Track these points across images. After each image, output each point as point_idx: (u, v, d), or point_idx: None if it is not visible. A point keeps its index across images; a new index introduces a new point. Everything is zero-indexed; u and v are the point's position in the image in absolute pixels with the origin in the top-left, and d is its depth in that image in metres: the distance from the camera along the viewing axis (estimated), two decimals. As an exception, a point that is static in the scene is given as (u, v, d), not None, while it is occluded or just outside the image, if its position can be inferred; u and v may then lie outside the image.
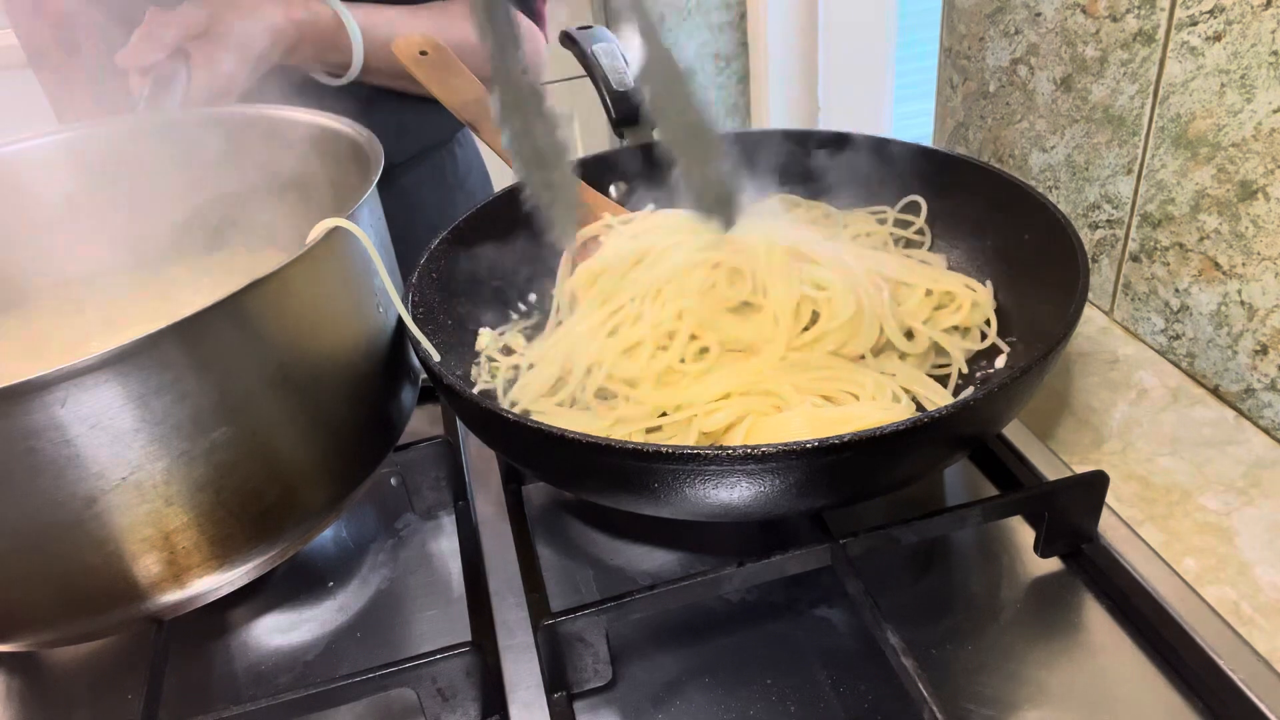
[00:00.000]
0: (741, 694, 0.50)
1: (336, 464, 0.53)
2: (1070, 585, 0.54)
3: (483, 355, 0.66)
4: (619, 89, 0.78)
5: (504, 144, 0.48)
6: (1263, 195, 0.60)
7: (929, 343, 0.61)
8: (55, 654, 0.57)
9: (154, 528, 0.45)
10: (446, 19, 0.93)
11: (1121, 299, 0.74)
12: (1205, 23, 0.61)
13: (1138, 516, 0.57)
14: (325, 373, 0.51)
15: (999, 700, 0.48)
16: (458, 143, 1.09)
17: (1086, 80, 0.72)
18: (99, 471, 0.42)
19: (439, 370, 0.53)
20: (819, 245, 0.61)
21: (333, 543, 0.63)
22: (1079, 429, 0.65)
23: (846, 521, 0.52)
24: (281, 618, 0.58)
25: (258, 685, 0.54)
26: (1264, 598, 0.51)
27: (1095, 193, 0.74)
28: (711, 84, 1.95)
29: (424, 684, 0.47)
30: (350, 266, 0.53)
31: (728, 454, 0.44)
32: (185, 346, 0.43)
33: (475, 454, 0.68)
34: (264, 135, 0.66)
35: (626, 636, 0.54)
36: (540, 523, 0.62)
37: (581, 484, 0.54)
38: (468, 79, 0.72)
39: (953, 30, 0.88)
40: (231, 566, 0.49)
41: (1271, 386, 0.62)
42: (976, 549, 0.57)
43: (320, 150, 0.64)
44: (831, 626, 0.53)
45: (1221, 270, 0.64)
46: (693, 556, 0.59)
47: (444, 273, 0.65)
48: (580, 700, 0.50)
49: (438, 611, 0.57)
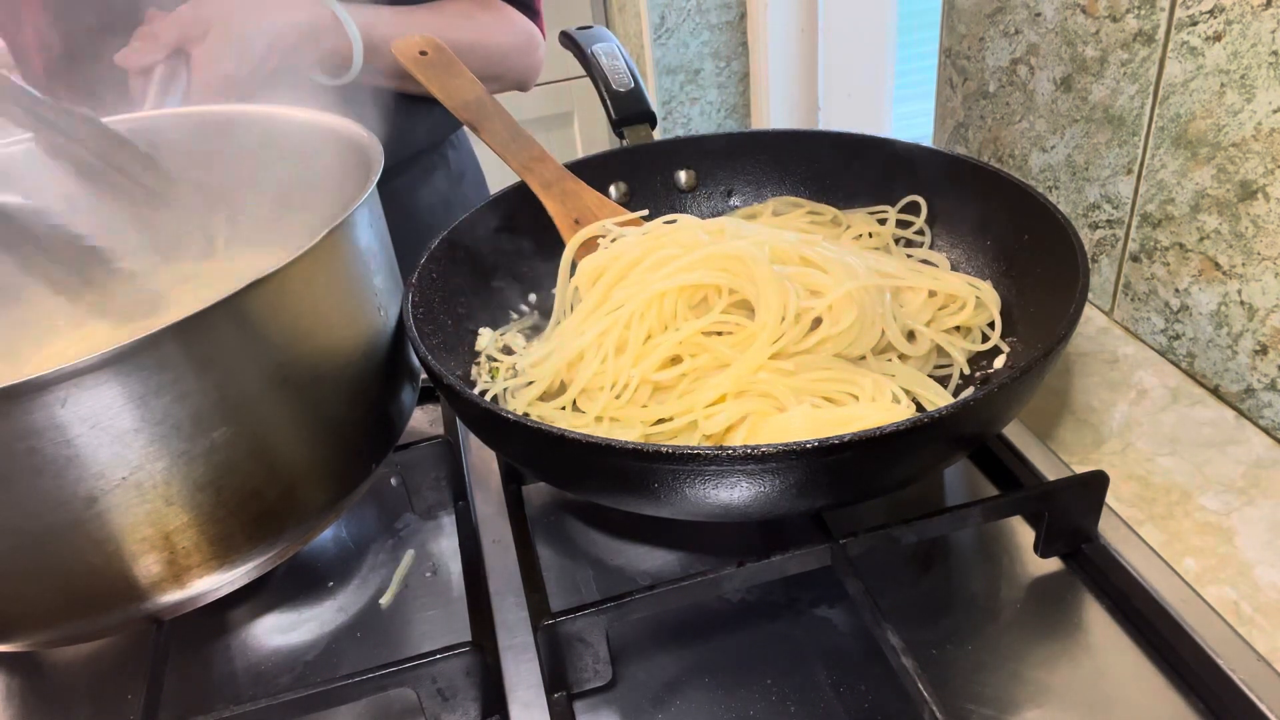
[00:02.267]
0: (741, 694, 0.50)
1: (336, 464, 0.53)
2: (1070, 585, 0.54)
3: (483, 355, 0.66)
4: (619, 89, 0.78)
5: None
6: (1263, 195, 0.60)
7: (930, 345, 0.61)
8: (55, 654, 0.57)
9: (154, 528, 0.45)
10: (444, 20, 0.93)
11: (1121, 299, 0.74)
12: (1205, 23, 0.61)
13: (1138, 516, 0.57)
14: (325, 373, 0.51)
15: (999, 700, 0.48)
16: (452, 144, 1.09)
17: (1086, 80, 0.72)
18: (99, 471, 0.42)
19: (439, 370, 0.53)
20: (821, 248, 0.61)
21: (333, 543, 0.63)
22: (1079, 429, 0.65)
23: (846, 521, 0.52)
24: (281, 618, 0.58)
25: (258, 685, 0.54)
26: (1264, 598, 0.51)
27: (1095, 193, 0.74)
28: (711, 84, 1.95)
29: (424, 684, 0.47)
30: (350, 266, 0.53)
31: (728, 454, 0.44)
32: (185, 346, 0.43)
33: (475, 454, 0.68)
34: (263, 136, 0.66)
35: (626, 636, 0.54)
36: (540, 523, 0.62)
37: (581, 484, 0.54)
38: (467, 79, 0.72)
39: (953, 30, 0.88)
40: (231, 566, 0.49)
41: (1271, 386, 0.62)
42: (976, 549, 0.57)
43: (320, 150, 0.64)
44: (831, 626, 0.53)
45: (1221, 270, 0.64)
46: (693, 556, 0.59)
47: (444, 273, 0.65)
48: (580, 700, 0.50)
49: (438, 611, 0.57)
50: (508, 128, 0.71)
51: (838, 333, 0.57)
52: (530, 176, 0.70)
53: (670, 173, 0.78)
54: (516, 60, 0.99)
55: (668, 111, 1.95)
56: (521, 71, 1.01)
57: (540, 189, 0.70)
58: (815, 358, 0.57)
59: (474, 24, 0.95)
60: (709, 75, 1.95)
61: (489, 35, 0.96)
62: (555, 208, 0.70)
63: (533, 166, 0.70)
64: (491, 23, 0.97)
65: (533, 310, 0.72)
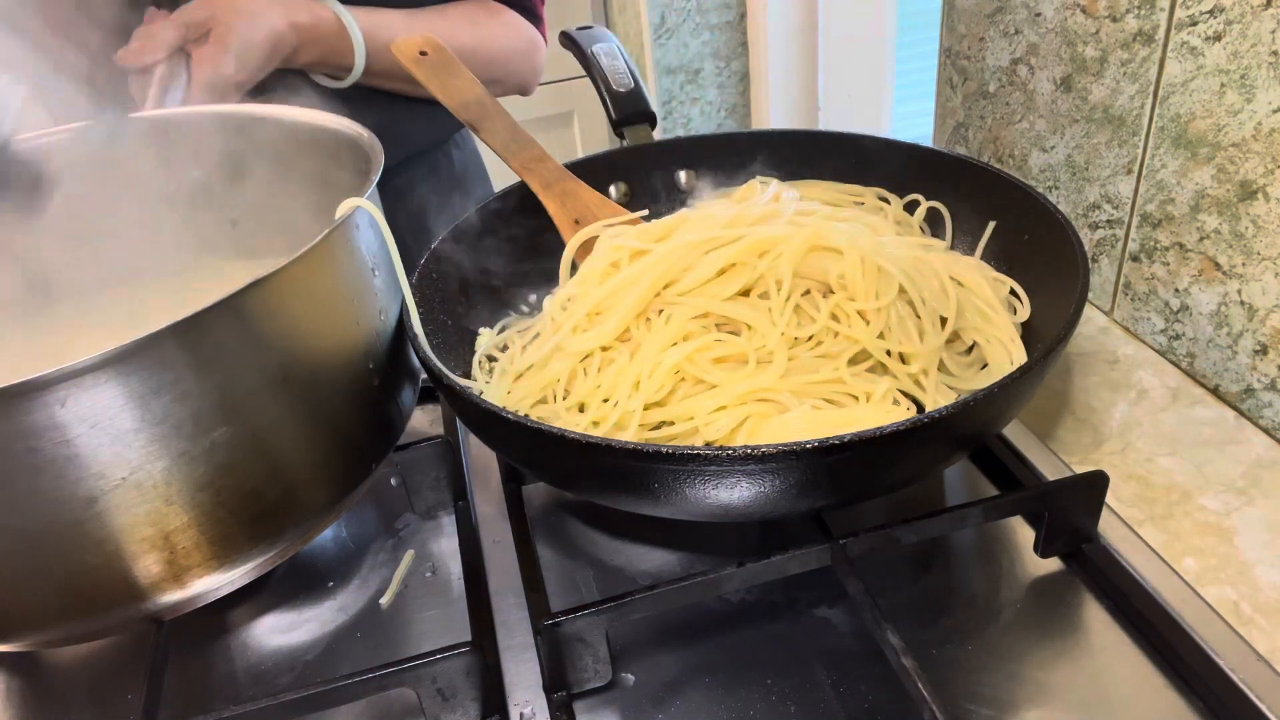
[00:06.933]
0: (741, 694, 0.50)
1: (336, 464, 0.53)
2: (1070, 585, 0.54)
3: (483, 355, 0.66)
4: (619, 89, 0.78)
5: None
6: (1263, 195, 0.60)
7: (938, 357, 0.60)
8: (55, 654, 0.57)
9: (154, 528, 0.45)
10: (448, 23, 0.93)
11: (1121, 299, 0.74)
12: (1205, 23, 0.61)
13: (1138, 516, 0.57)
14: (325, 373, 0.51)
15: (999, 700, 0.48)
16: (454, 144, 1.09)
17: (1086, 80, 0.72)
18: (99, 471, 0.42)
19: (439, 370, 0.53)
20: (845, 233, 0.59)
21: (333, 543, 0.63)
22: (1079, 429, 0.65)
23: (846, 521, 0.52)
24: (281, 618, 0.58)
25: (258, 685, 0.54)
26: (1264, 598, 0.51)
27: (1095, 193, 0.74)
28: (711, 84, 1.95)
29: (424, 684, 0.47)
30: (350, 266, 0.53)
31: (728, 454, 0.44)
32: (185, 346, 0.43)
33: (475, 454, 0.68)
34: (263, 136, 0.66)
35: (626, 636, 0.54)
36: (540, 523, 0.62)
37: (581, 484, 0.54)
38: (467, 79, 0.72)
39: (953, 30, 0.88)
40: (231, 566, 0.49)
41: (1271, 386, 0.62)
42: (976, 549, 0.57)
43: (320, 150, 0.64)
44: (831, 626, 0.53)
45: (1221, 270, 0.64)
46: (693, 556, 0.59)
47: (444, 273, 0.65)
48: (580, 700, 0.50)
49: (438, 611, 0.57)
50: (508, 128, 0.71)
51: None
52: (530, 176, 0.70)
53: (670, 173, 0.78)
54: (518, 65, 1.00)
55: (668, 111, 1.95)
56: (523, 76, 1.01)
57: (540, 189, 0.70)
58: (814, 360, 0.56)
59: (477, 28, 0.95)
60: (709, 75, 1.95)
61: (492, 39, 0.96)
62: (555, 208, 0.70)
63: (533, 166, 0.70)
64: (495, 27, 0.97)
65: (533, 310, 0.72)
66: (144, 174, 0.68)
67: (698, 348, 0.55)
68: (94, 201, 0.68)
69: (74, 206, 0.68)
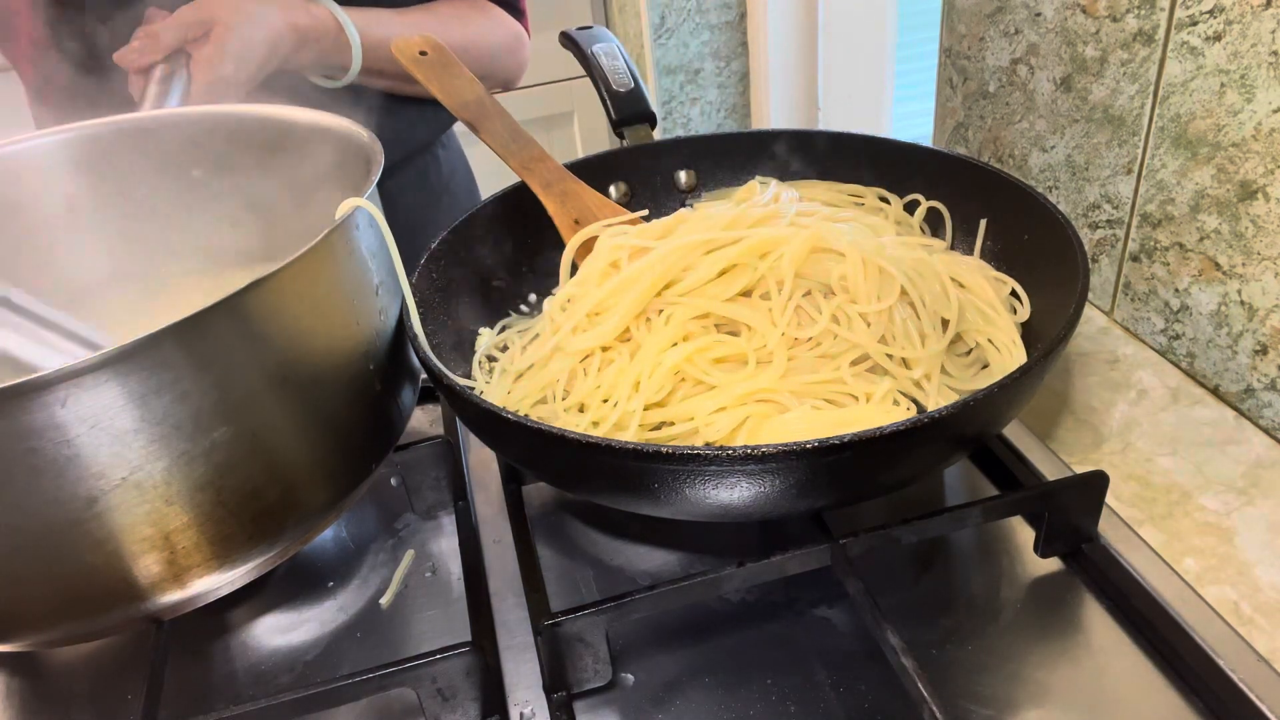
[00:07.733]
0: (741, 694, 0.50)
1: (336, 464, 0.53)
2: (1070, 585, 0.54)
3: (483, 355, 0.66)
4: (619, 89, 0.78)
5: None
6: (1263, 195, 0.60)
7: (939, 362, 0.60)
8: (55, 654, 0.57)
9: (154, 528, 0.45)
10: (438, 21, 0.93)
11: (1121, 299, 0.74)
12: (1205, 23, 0.61)
13: (1138, 516, 0.57)
14: (325, 373, 0.51)
15: (999, 700, 0.48)
16: (441, 145, 1.09)
17: (1086, 80, 0.72)
18: (99, 471, 0.42)
19: (439, 370, 0.53)
20: (847, 237, 0.59)
21: (333, 543, 0.63)
22: (1079, 429, 0.65)
23: (846, 521, 0.52)
24: (281, 618, 0.58)
25: (258, 685, 0.54)
26: (1264, 598, 0.51)
27: (1095, 193, 0.74)
28: (711, 84, 1.95)
29: (424, 684, 0.47)
30: (350, 267, 0.53)
31: (728, 454, 0.44)
32: (185, 346, 0.43)
33: (475, 454, 0.68)
34: (262, 136, 0.66)
35: (626, 636, 0.54)
36: (540, 523, 0.62)
37: (581, 484, 0.54)
38: (467, 79, 0.72)
39: (953, 30, 0.88)
40: (231, 566, 0.49)
41: (1271, 386, 0.62)
42: (976, 549, 0.57)
43: (319, 150, 0.64)
44: (831, 626, 0.53)
45: (1221, 270, 0.64)
46: (693, 556, 0.59)
47: (444, 273, 0.65)
48: (580, 700, 0.50)
49: (438, 611, 0.57)
50: (508, 128, 0.71)
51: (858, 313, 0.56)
52: (530, 176, 0.70)
53: (670, 173, 0.78)
54: (505, 60, 1.01)
55: (668, 111, 1.95)
56: (509, 71, 1.03)
57: (540, 189, 0.70)
58: (814, 360, 0.57)
59: (466, 25, 0.96)
60: (709, 75, 1.95)
61: (481, 36, 0.97)
62: (555, 208, 0.70)
63: (533, 166, 0.70)
64: (483, 23, 0.98)
65: (533, 310, 0.72)
66: (143, 174, 0.68)
67: (698, 348, 0.55)
68: (93, 202, 0.69)
69: (72, 207, 0.68)
